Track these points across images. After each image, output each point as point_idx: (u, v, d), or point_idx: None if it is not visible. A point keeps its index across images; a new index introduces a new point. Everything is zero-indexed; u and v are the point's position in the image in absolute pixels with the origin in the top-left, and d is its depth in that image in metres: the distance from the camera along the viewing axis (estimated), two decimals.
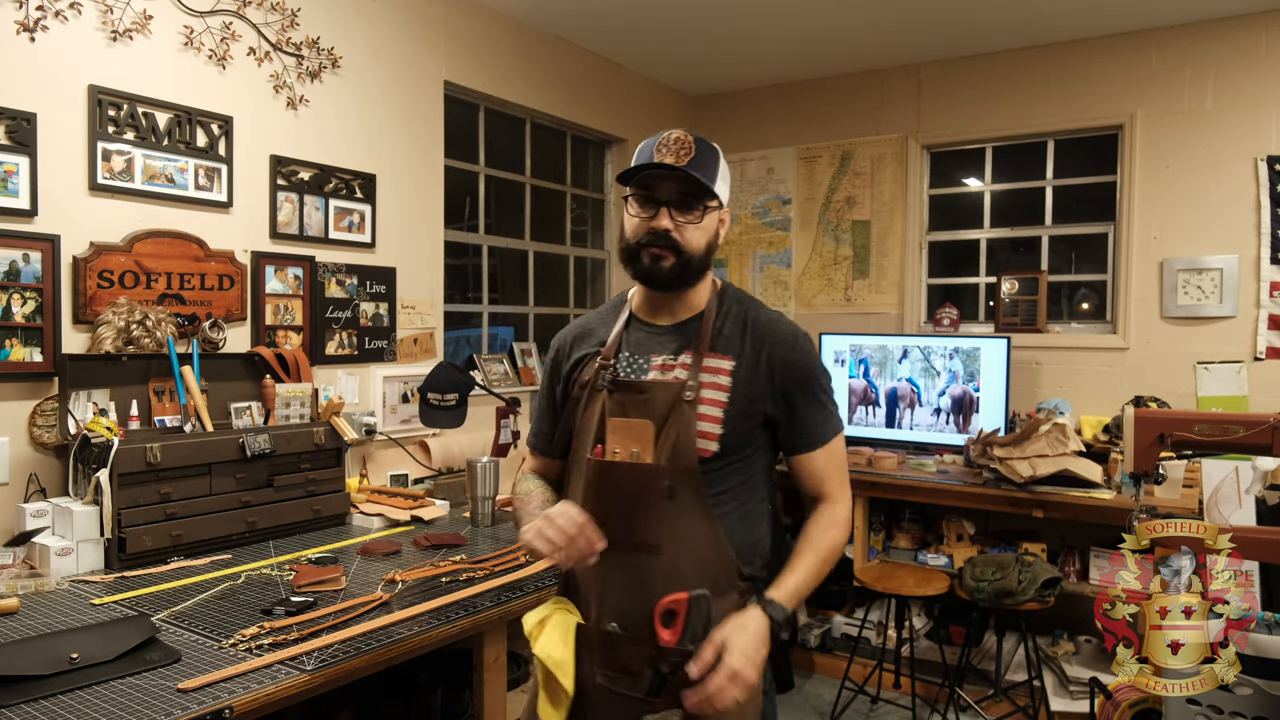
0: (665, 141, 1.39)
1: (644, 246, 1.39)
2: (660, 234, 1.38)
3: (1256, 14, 3.52)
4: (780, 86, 4.68)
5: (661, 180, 1.39)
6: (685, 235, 1.39)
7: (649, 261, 1.40)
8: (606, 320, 1.54)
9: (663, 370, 1.42)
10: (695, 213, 1.40)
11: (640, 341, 1.47)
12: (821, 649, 3.88)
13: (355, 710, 2.31)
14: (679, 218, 1.39)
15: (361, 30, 3.03)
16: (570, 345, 1.55)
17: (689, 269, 1.42)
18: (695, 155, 1.38)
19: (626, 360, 1.46)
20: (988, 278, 4.23)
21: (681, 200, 1.39)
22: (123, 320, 2.29)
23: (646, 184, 1.40)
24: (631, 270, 1.44)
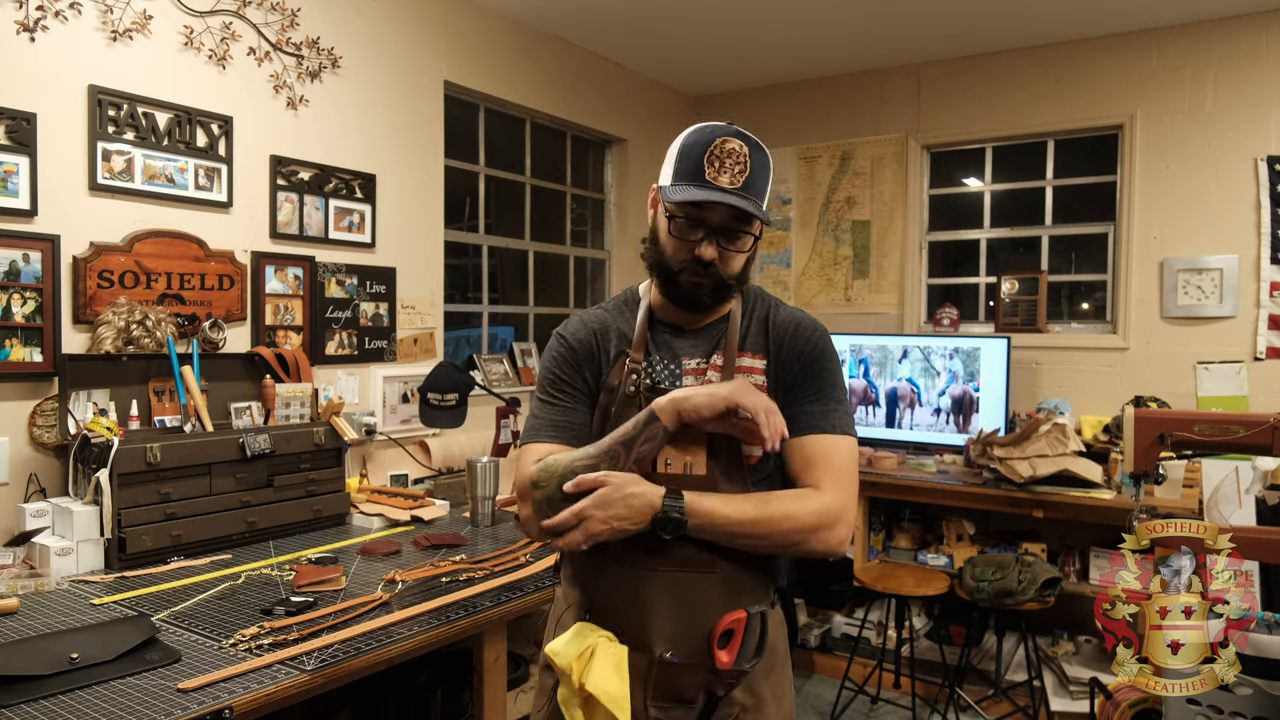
0: (718, 152, 1.26)
1: (684, 273, 1.30)
2: (704, 263, 1.28)
3: (1256, 14, 3.52)
4: (780, 86, 4.68)
5: (712, 205, 1.27)
6: (729, 263, 1.30)
7: (688, 289, 1.31)
8: (622, 317, 1.42)
9: (697, 375, 1.35)
10: (744, 239, 1.30)
11: (667, 344, 1.38)
12: (821, 649, 3.88)
13: (355, 710, 2.30)
14: (727, 247, 1.29)
15: (361, 30, 3.03)
16: (597, 338, 1.40)
17: (726, 294, 1.34)
18: (750, 173, 1.27)
19: (660, 364, 1.37)
20: (988, 278, 4.23)
21: (732, 228, 1.28)
22: (123, 320, 2.29)
23: (694, 204, 1.27)
24: (664, 289, 1.36)
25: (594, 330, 1.41)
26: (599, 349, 1.39)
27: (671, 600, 1.26)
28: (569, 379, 1.39)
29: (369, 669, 1.59)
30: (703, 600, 1.26)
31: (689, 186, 1.26)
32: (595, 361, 1.39)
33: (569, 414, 1.37)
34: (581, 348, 1.40)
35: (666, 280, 1.33)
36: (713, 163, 1.25)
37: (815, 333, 1.37)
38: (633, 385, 1.33)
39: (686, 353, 1.37)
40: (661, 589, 1.26)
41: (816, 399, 1.32)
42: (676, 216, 1.29)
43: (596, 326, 1.41)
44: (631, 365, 1.35)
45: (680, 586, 1.26)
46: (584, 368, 1.39)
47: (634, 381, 1.33)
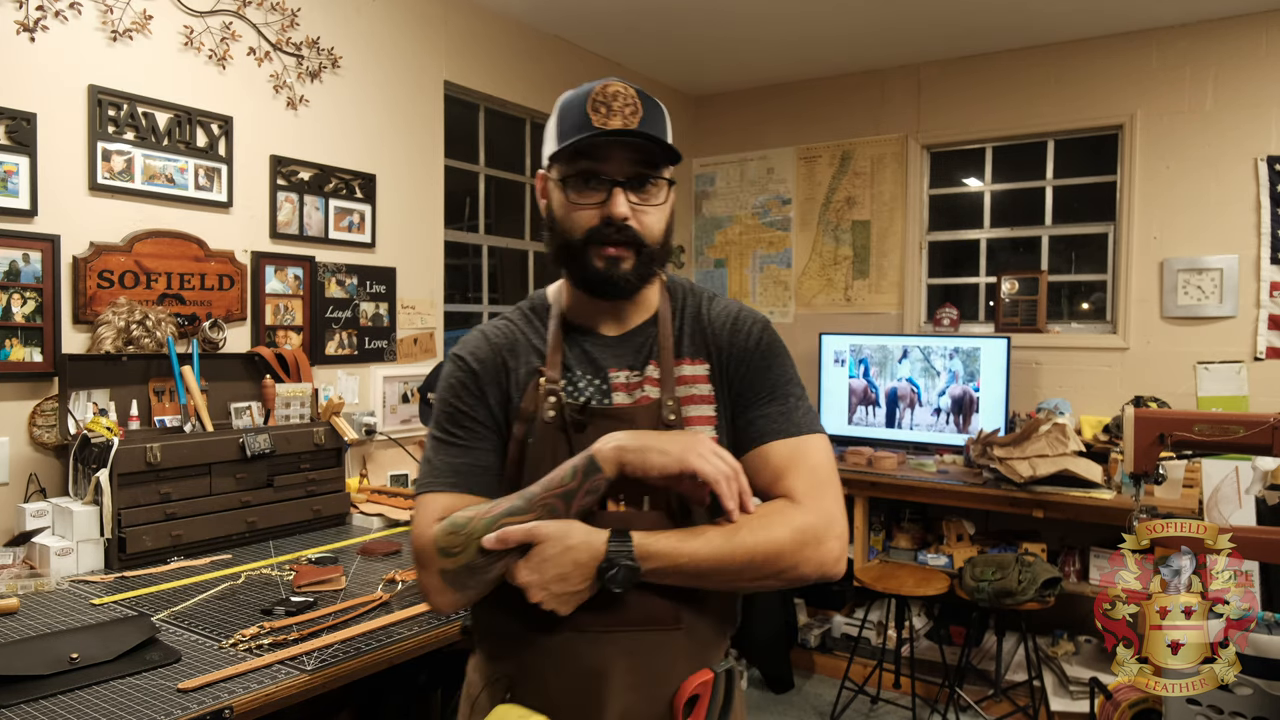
0: (602, 96, 1.06)
1: (593, 244, 1.08)
2: (618, 225, 1.06)
3: (1256, 14, 3.52)
4: (780, 86, 4.68)
5: (611, 151, 1.06)
6: (645, 223, 1.09)
7: (604, 265, 1.08)
8: (531, 328, 1.19)
9: (628, 390, 1.12)
10: (655, 189, 1.09)
11: (587, 355, 1.15)
12: (821, 649, 3.88)
13: (355, 710, 2.30)
14: (636, 200, 1.08)
15: (361, 30, 3.03)
16: (503, 356, 1.15)
17: (650, 267, 1.11)
18: (644, 115, 1.07)
19: (583, 381, 1.13)
20: (988, 278, 4.23)
21: (637, 177, 1.08)
22: (123, 320, 2.29)
23: (589, 155, 1.07)
24: (577, 276, 1.12)
25: (498, 346, 1.16)
26: (505, 370, 1.15)
27: (626, 667, 1.05)
28: (470, 410, 1.13)
29: (369, 669, 1.59)
30: (664, 663, 1.06)
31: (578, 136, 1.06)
32: (502, 386, 1.14)
33: (473, 455, 1.12)
34: (485, 370, 1.15)
35: (576, 264, 1.11)
36: (598, 109, 1.06)
37: (756, 324, 1.18)
38: (552, 410, 1.10)
39: (612, 364, 1.14)
40: (614, 655, 1.04)
41: (772, 399, 1.12)
42: (571, 177, 1.08)
43: (502, 342, 1.17)
44: (548, 385, 1.11)
45: (637, 650, 1.05)
46: (489, 395, 1.13)
47: (554, 405, 1.10)
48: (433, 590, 1.06)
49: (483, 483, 1.11)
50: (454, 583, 1.04)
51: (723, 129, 4.87)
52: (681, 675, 1.06)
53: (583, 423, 1.09)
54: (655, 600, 1.05)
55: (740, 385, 1.14)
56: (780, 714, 3.46)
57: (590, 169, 1.07)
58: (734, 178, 4.86)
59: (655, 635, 1.06)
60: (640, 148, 1.07)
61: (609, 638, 1.05)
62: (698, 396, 1.13)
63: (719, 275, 4.92)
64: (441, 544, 1.03)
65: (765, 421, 1.11)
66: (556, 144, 1.09)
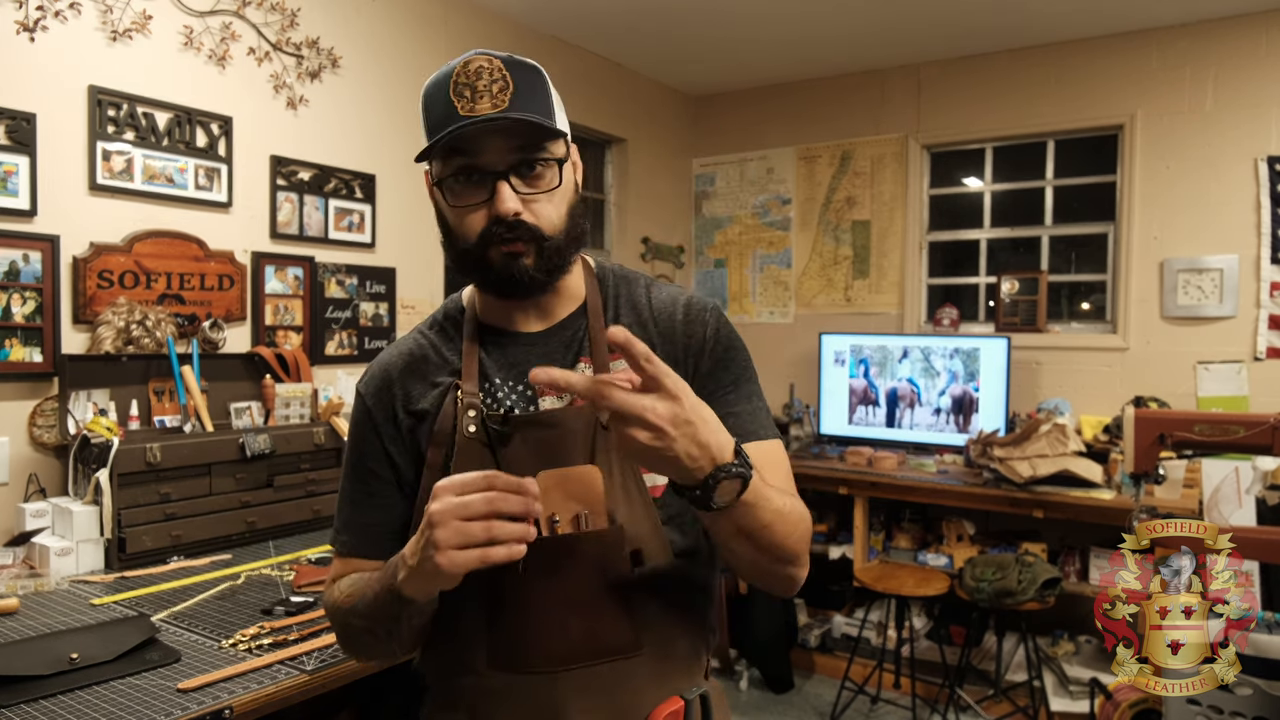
0: (465, 77, 0.94)
1: (489, 245, 0.96)
2: (508, 222, 0.95)
3: (1256, 14, 3.52)
4: (780, 86, 4.68)
5: (485, 141, 0.95)
6: (541, 213, 0.97)
7: (501, 264, 0.97)
8: (444, 337, 1.08)
9: (556, 394, 1.00)
10: (545, 172, 0.97)
11: (511, 359, 1.03)
12: (821, 649, 3.88)
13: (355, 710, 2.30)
14: (525, 190, 0.96)
15: (361, 30, 3.03)
16: (397, 384, 1.05)
17: (556, 260, 0.99)
18: (515, 90, 0.94)
19: (503, 389, 1.02)
20: (988, 278, 4.23)
21: (521, 163, 0.96)
22: (122, 320, 2.29)
23: (462, 150, 0.96)
24: (478, 281, 1.03)
25: (401, 369, 1.06)
26: (394, 399, 1.05)
27: (588, 706, 0.95)
28: (364, 458, 1.05)
29: (369, 669, 1.58)
30: (628, 697, 0.96)
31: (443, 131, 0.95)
32: (395, 420, 1.04)
33: (371, 509, 1.05)
34: (378, 405, 1.05)
35: (475, 269, 1.00)
36: (462, 94, 0.94)
37: (710, 312, 1.06)
38: (473, 424, 0.98)
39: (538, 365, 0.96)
40: (569, 694, 0.95)
41: (738, 396, 1.03)
42: (449, 177, 0.98)
43: (404, 363, 1.07)
44: (466, 399, 1.00)
45: (597, 684, 0.95)
46: (383, 433, 1.04)
47: (473, 419, 0.99)
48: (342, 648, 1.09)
49: (373, 543, 1.05)
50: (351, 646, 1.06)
51: (723, 129, 4.87)
52: (649, 705, 0.96)
53: (506, 434, 0.97)
54: (610, 624, 0.95)
55: (699, 378, 1.02)
56: (780, 714, 3.46)
57: (467, 165, 0.96)
58: (734, 178, 4.86)
59: (614, 667, 0.95)
60: (519, 130, 0.94)
61: (564, 677, 0.94)
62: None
63: (719, 275, 4.92)
64: (341, 620, 1.03)
65: (736, 421, 1.00)
66: (427, 141, 0.98)
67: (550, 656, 0.94)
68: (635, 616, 0.96)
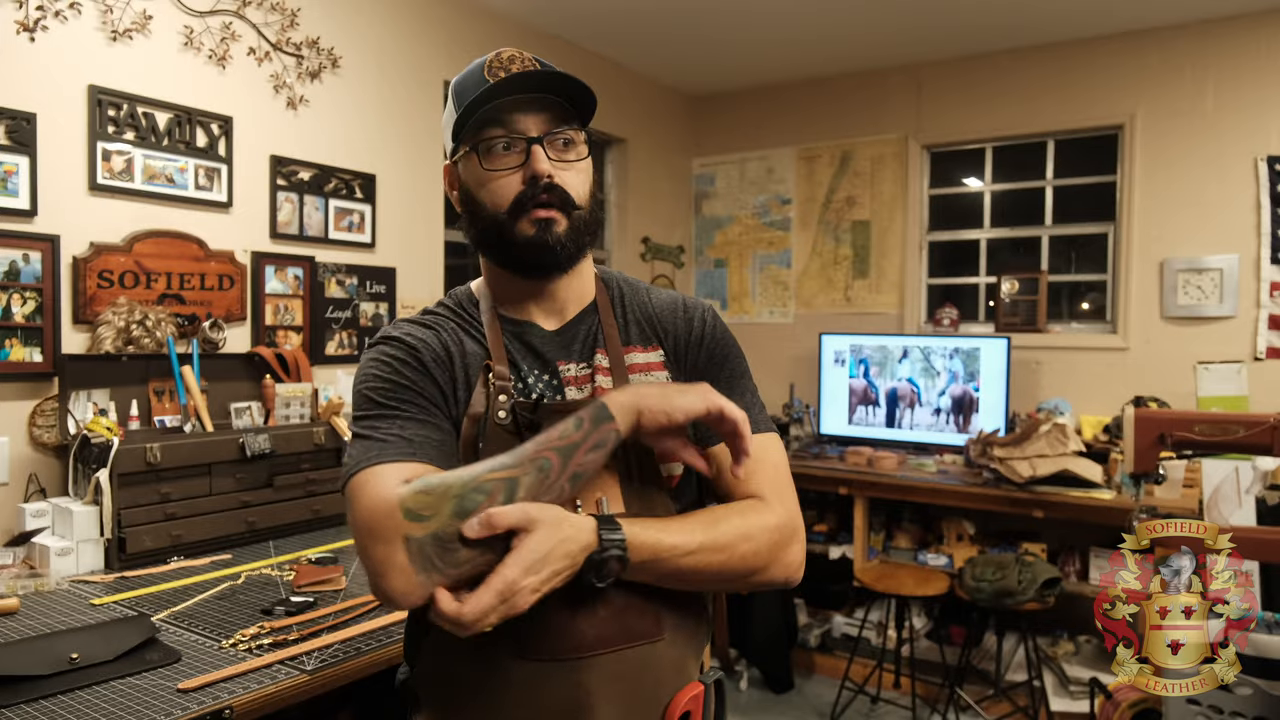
0: (495, 64, 0.99)
1: (521, 212, 0.98)
2: (544, 184, 0.97)
3: (1256, 14, 3.52)
4: (780, 86, 4.68)
5: (520, 111, 0.98)
6: (571, 182, 1.00)
7: (536, 231, 0.98)
8: (462, 324, 1.07)
9: (578, 384, 1.03)
10: (575, 143, 1.02)
11: (533, 349, 1.05)
12: (821, 649, 3.88)
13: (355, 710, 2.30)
14: (556, 158, 0.99)
15: (361, 30, 3.03)
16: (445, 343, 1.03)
17: (582, 235, 1.02)
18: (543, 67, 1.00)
19: (531, 375, 1.03)
20: (988, 278, 4.23)
21: (554, 134, 0.99)
22: (123, 320, 2.29)
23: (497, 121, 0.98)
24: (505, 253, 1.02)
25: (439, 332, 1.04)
26: (450, 357, 1.02)
27: (612, 694, 0.94)
28: (414, 384, 0.98)
29: (369, 669, 1.59)
30: (651, 683, 0.96)
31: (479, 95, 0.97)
32: (449, 373, 1.01)
33: (426, 427, 0.96)
34: (428, 350, 1.01)
35: (503, 239, 1.01)
36: (495, 73, 0.97)
37: (706, 311, 1.12)
38: (504, 410, 0.98)
39: (559, 356, 1.05)
40: (597, 682, 0.93)
41: (730, 390, 1.05)
42: (482, 144, 0.99)
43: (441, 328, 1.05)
44: (498, 382, 1.00)
45: (622, 672, 0.95)
46: (435, 374, 1.00)
47: (504, 404, 0.98)
48: (391, 569, 0.84)
49: (443, 457, 0.94)
50: (419, 558, 0.83)
51: (723, 129, 4.87)
52: (669, 692, 0.97)
53: (536, 422, 0.96)
54: (635, 609, 0.95)
55: (694, 374, 1.07)
56: (780, 714, 3.46)
57: (501, 134, 0.99)
58: (734, 178, 4.86)
59: (639, 651, 0.95)
60: (547, 103, 0.99)
61: (587, 664, 0.93)
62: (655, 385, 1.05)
63: (719, 275, 4.92)
64: (408, 504, 0.84)
65: None
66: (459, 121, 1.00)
67: (580, 643, 0.93)
68: (657, 599, 0.97)
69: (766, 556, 0.97)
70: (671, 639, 0.99)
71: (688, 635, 1.03)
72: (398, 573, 0.84)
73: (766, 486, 1.01)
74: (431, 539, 0.83)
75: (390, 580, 0.84)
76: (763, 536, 0.97)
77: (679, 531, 0.93)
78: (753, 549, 0.96)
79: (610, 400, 0.92)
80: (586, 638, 0.93)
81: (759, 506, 1.00)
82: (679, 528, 0.94)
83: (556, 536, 0.85)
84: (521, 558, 0.83)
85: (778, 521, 0.99)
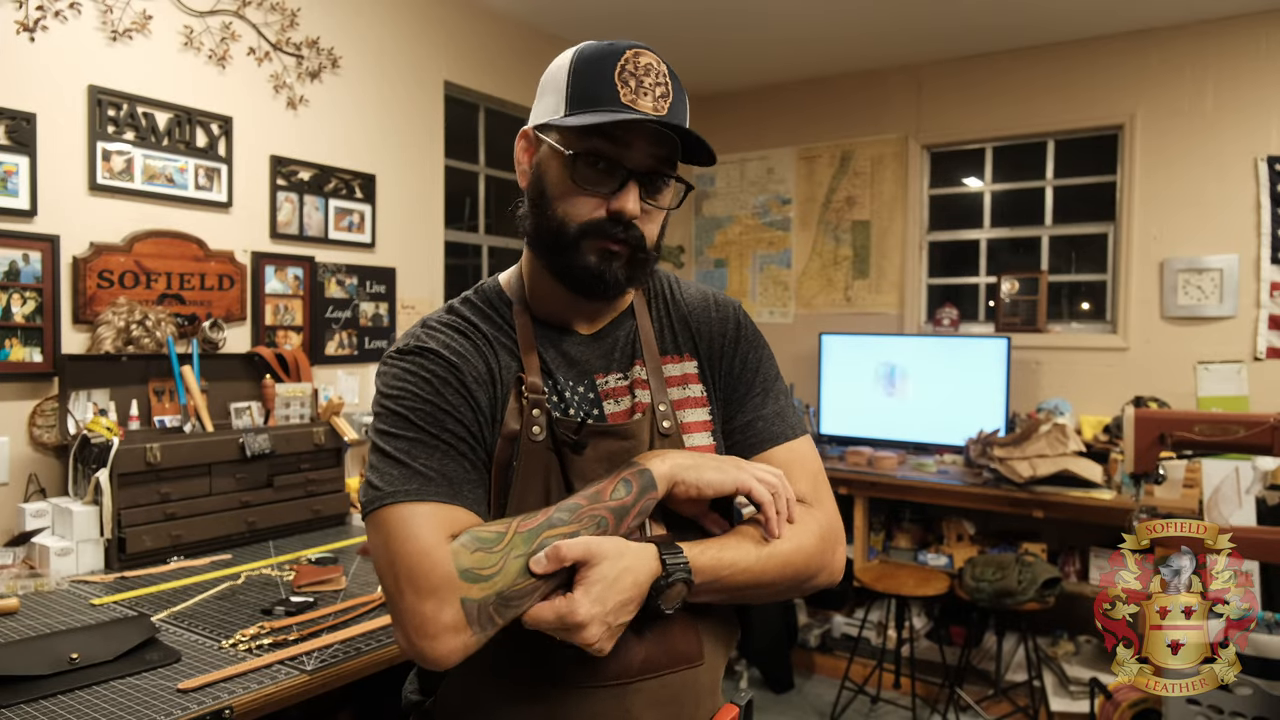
0: (632, 68, 0.91)
1: (590, 237, 0.93)
2: (625, 222, 0.92)
3: (1256, 14, 3.52)
4: (780, 86, 4.68)
5: (634, 137, 0.91)
6: (648, 227, 0.96)
7: (598, 260, 0.93)
8: (490, 325, 1.01)
9: (616, 398, 1.00)
10: (665, 194, 0.96)
11: (569, 358, 1.01)
12: (821, 649, 3.88)
13: (355, 710, 2.30)
14: (647, 199, 0.94)
15: (361, 30, 3.03)
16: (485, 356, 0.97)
17: (642, 274, 0.98)
18: (674, 100, 0.93)
19: (568, 389, 0.99)
20: (988, 278, 4.23)
21: (654, 174, 0.93)
22: (123, 320, 2.29)
23: (607, 135, 0.91)
24: (560, 267, 0.96)
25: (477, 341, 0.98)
26: (494, 379, 0.96)
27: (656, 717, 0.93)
28: (455, 412, 0.92)
29: (369, 669, 1.59)
30: (692, 706, 0.95)
31: (604, 111, 0.89)
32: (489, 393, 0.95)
33: (465, 465, 0.91)
34: (469, 365, 0.95)
35: (563, 255, 0.94)
36: (627, 81, 0.90)
37: (737, 311, 1.09)
38: (539, 426, 0.93)
39: (597, 367, 1.01)
40: (641, 708, 0.91)
41: (765, 398, 1.04)
42: (583, 155, 0.92)
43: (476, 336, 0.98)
44: (531, 396, 0.94)
45: (668, 694, 0.93)
46: (478, 397, 0.94)
47: (539, 420, 0.94)
48: (440, 630, 0.80)
49: (479, 502, 0.91)
50: (479, 618, 0.81)
51: (723, 129, 4.86)
52: (707, 715, 0.97)
53: (581, 444, 0.93)
54: (679, 634, 0.94)
55: (729, 380, 1.05)
56: (780, 714, 3.46)
57: (605, 151, 0.91)
58: (734, 178, 4.87)
59: (683, 676, 0.94)
60: (665, 140, 0.91)
61: (633, 689, 0.91)
62: (692, 400, 1.02)
63: (719, 275, 4.92)
64: (466, 564, 0.81)
65: (764, 424, 1.03)
66: (567, 107, 0.92)
67: (627, 668, 0.91)
68: (701, 625, 0.97)
69: (818, 562, 0.97)
70: (709, 662, 0.98)
71: (721, 655, 1.02)
72: (446, 633, 0.81)
73: (807, 491, 1.01)
74: (496, 598, 0.82)
75: (437, 642, 0.81)
76: (813, 545, 0.96)
77: (735, 547, 0.92)
78: (804, 557, 0.95)
79: (655, 469, 0.90)
80: (634, 662, 0.91)
81: (803, 514, 0.98)
82: (734, 543, 0.92)
83: (620, 564, 0.84)
84: (590, 592, 0.82)
85: (822, 527, 0.98)
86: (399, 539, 0.84)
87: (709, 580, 0.89)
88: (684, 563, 0.87)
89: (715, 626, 1.00)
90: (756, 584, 0.92)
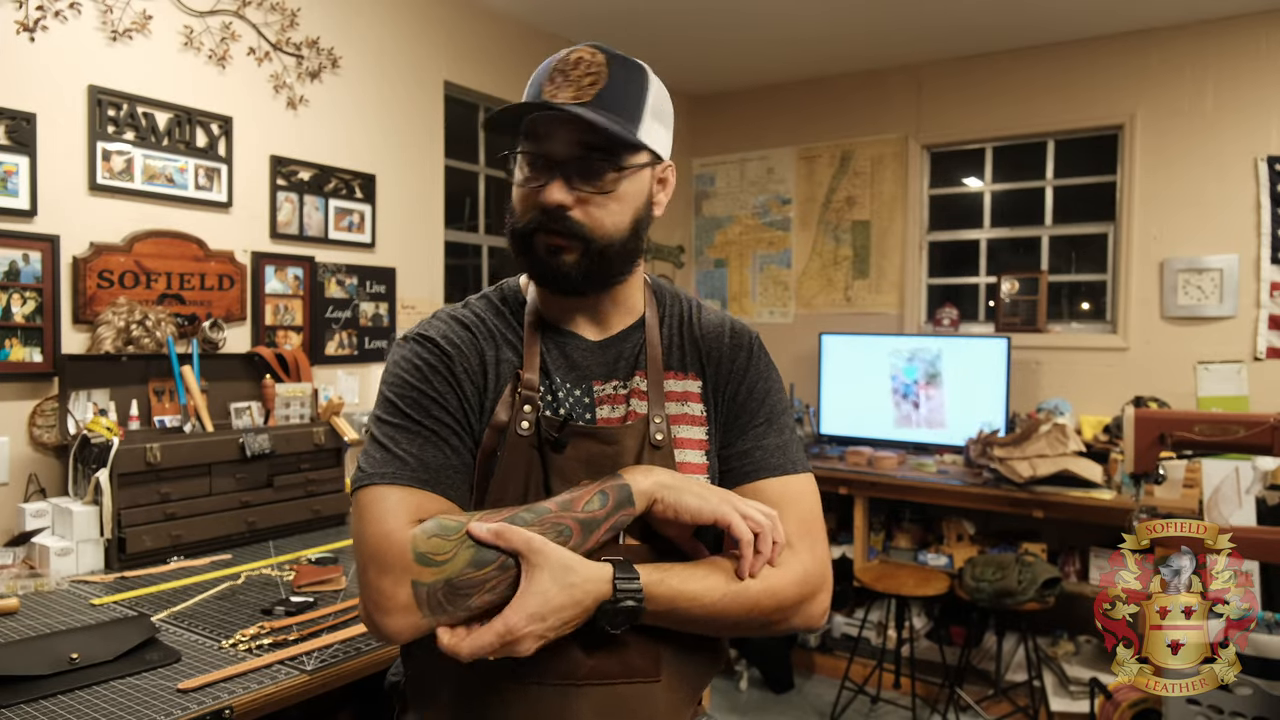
0: (563, 66, 0.93)
1: (539, 233, 0.94)
2: (553, 213, 0.93)
3: (1256, 14, 3.52)
4: (780, 86, 4.68)
5: (554, 128, 0.92)
6: (594, 215, 0.94)
7: (544, 253, 0.95)
8: (501, 322, 1.03)
9: (612, 404, 1.00)
10: (605, 178, 0.94)
11: (571, 361, 1.01)
12: (821, 649, 3.88)
13: (355, 710, 2.30)
14: (581, 187, 0.93)
15: (361, 30, 3.03)
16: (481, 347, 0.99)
17: (604, 265, 0.96)
18: (606, 86, 0.92)
19: (563, 389, 0.99)
20: (988, 278, 4.23)
21: (584, 161, 0.93)
22: (123, 320, 2.29)
23: (532, 132, 0.93)
24: (523, 264, 0.99)
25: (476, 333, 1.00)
26: (484, 363, 0.98)
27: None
28: (441, 399, 0.94)
29: (369, 669, 1.59)
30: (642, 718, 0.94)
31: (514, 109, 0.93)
32: (478, 384, 0.97)
33: (445, 451, 0.93)
34: (461, 357, 0.97)
35: (523, 256, 0.98)
36: (554, 78, 0.93)
37: (753, 341, 1.08)
38: (527, 421, 0.94)
39: (597, 373, 1.01)
40: (585, 712, 0.91)
41: (769, 429, 1.03)
42: (517, 155, 0.96)
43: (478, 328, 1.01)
44: (525, 392, 0.96)
45: (616, 705, 0.92)
46: (464, 386, 0.96)
47: (528, 415, 0.95)
48: (394, 607, 0.84)
49: (457, 488, 0.93)
50: (427, 602, 0.84)
51: (723, 129, 4.87)
52: None
53: (561, 441, 0.94)
54: (635, 646, 0.92)
55: (733, 406, 1.03)
56: (780, 714, 3.46)
57: (530, 147, 0.94)
58: (734, 178, 4.87)
59: (636, 688, 0.93)
60: (591, 126, 0.90)
61: (580, 692, 0.91)
62: (689, 417, 1.01)
63: (719, 275, 4.92)
64: (422, 548, 0.84)
65: (763, 455, 1.01)
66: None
67: (574, 670, 0.91)
68: (659, 639, 0.95)
69: (789, 609, 0.95)
70: (670, 682, 0.96)
71: (688, 677, 0.99)
72: (398, 611, 0.85)
73: (795, 533, 0.97)
74: (444, 584, 0.84)
75: (389, 617, 0.85)
76: (788, 590, 0.94)
77: (701, 580, 0.90)
78: (775, 603, 0.93)
79: (634, 483, 0.90)
80: (582, 667, 0.91)
81: (786, 556, 0.96)
82: (702, 576, 0.91)
83: (566, 578, 0.84)
84: (527, 605, 0.83)
85: (803, 570, 0.96)
86: (368, 519, 0.89)
87: (664, 609, 0.89)
88: (637, 590, 0.87)
89: (685, 651, 0.98)
90: (717, 619, 0.91)
